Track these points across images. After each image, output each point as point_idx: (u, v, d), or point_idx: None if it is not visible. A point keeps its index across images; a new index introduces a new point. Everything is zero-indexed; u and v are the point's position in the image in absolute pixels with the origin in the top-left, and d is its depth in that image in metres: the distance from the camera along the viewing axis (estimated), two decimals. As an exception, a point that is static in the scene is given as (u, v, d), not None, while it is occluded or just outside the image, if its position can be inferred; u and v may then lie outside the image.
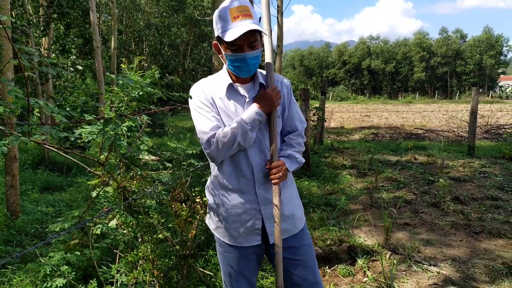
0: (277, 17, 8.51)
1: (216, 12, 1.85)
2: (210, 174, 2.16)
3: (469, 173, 7.68)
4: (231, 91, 1.98)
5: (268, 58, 1.96)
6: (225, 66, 2.02)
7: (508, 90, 59.37)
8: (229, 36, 1.76)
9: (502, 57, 63.36)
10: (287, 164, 1.98)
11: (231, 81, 1.97)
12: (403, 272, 3.72)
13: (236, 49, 1.82)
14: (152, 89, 2.61)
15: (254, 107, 1.88)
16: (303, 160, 2.10)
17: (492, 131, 14.16)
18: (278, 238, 1.93)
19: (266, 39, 1.96)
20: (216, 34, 1.88)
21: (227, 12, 1.78)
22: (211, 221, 2.18)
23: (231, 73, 1.98)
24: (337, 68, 73.31)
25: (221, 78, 2.00)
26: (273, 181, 1.91)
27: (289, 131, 2.12)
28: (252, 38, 1.80)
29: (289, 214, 2.06)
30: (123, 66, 2.90)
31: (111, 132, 2.28)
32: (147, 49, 31.20)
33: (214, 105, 1.95)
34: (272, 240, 2.02)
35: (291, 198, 2.10)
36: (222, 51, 1.89)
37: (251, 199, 1.99)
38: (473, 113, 9.64)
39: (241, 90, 1.98)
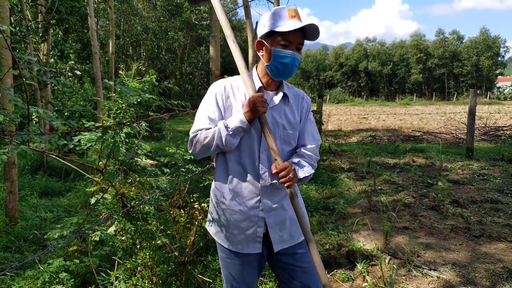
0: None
1: (271, 11, 1.93)
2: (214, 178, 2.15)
3: (468, 176, 7.68)
4: None
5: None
6: (254, 70, 2.07)
7: (506, 91, 59.55)
8: (286, 27, 1.83)
9: (499, 58, 63.60)
10: (296, 169, 1.93)
11: (261, 85, 2.00)
12: (403, 277, 3.72)
13: (285, 45, 1.87)
14: (152, 96, 2.62)
15: (239, 114, 1.88)
16: (312, 171, 2.03)
17: (491, 133, 14.18)
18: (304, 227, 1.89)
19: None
20: (264, 31, 1.93)
21: (284, 10, 1.88)
22: (211, 226, 2.16)
23: (264, 75, 2.01)
24: (334, 70, 73.46)
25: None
26: (285, 185, 1.84)
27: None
28: (301, 40, 1.89)
29: (295, 223, 2.03)
30: (121, 72, 2.91)
31: (110, 140, 2.28)
32: (144, 53, 31.22)
33: (224, 101, 1.98)
34: (277, 248, 2.01)
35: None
36: (269, 46, 1.92)
37: (254, 206, 1.98)
38: (471, 115, 9.67)
39: (266, 96, 1.98)
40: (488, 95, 57.61)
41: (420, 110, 29.83)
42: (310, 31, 1.89)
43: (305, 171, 1.97)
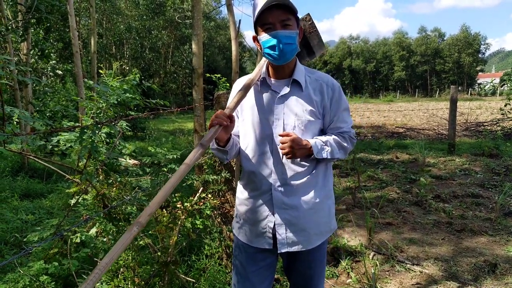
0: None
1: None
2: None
3: (450, 171, 7.78)
4: (265, 85, 1.98)
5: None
6: (267, 62, 2.00)
7: (486, 87, 60.50)
8: (258, 13, 1.76)
9: (480, 55, 64.71)
10: (314, 147, 1.87)
11: (264, 76, 1.97)
12: (387, 272, 3.75)
13: (268, 28, 1.79)
14: (131, 95, 2.58)
15: None
16: (338, 155, 1.96)
17: (472, 128, 14.36)
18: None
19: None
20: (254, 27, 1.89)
21: (260, 1, 1.78)
22: (234, 218, 2.17)
23: (269, 66, 1.97)
24: (319, 68, 73.70)
25: (261, 72, 2.00)
26: (284, 154, 1.84)
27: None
28: (283, 16, 1.77)
29: (308, 228, 1.94)
30: (101, 71, 2.87)
31: (89, 140, 2.24)
32: (128, 52, 30.98)
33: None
34: (282, 249, 1.92)
35: (320, 213, 1.98)
36: (258, 37, 1.85)
37: (266, 199, 1.94)
38: (453, 111, 9.76)
39: (275, 85, 1.95)
40: (469, 92, 58.48)
41: (404, 107, 30.11)
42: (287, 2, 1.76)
43: (323, 151, 1.90)
